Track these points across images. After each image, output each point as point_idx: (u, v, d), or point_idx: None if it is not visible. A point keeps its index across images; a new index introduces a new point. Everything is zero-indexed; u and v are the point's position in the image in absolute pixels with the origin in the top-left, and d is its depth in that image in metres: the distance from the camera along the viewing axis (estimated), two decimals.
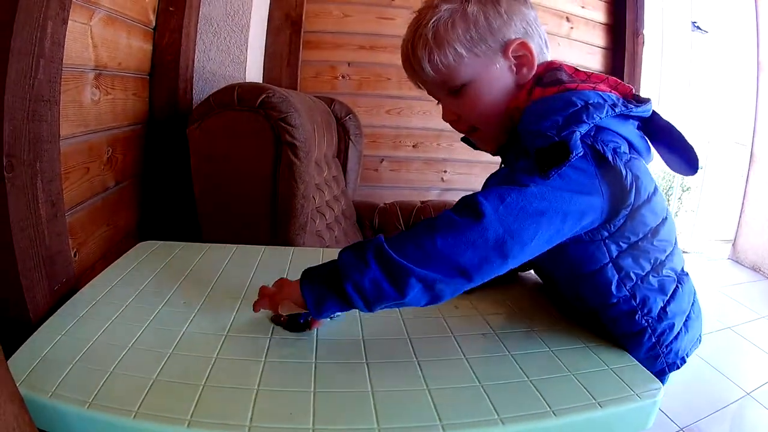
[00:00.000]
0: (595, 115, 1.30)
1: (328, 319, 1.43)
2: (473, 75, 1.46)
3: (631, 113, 1.40)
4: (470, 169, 4.98)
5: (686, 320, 1.53)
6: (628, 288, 1.42)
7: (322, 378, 1.17)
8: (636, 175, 1.33)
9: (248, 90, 2.23)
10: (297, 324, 1.40)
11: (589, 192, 1.30)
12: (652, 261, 1.44)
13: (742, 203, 6.56)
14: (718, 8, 6.53)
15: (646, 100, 1.43)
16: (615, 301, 1.42)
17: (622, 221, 1.36)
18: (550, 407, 1.12)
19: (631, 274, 1.42)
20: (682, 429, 3.10)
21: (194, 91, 2.81)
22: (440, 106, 1.60)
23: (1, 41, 1.25)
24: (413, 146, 4.82)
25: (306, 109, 2.63)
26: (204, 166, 2.28)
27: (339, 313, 1.38)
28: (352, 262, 1.21)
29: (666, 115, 1.45)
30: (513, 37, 1.45)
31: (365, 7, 4.52)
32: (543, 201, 1.23)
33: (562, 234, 1.30)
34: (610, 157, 1.30)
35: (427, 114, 4.75)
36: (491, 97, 1.48)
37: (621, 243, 1.40)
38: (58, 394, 1.05)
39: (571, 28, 5.04)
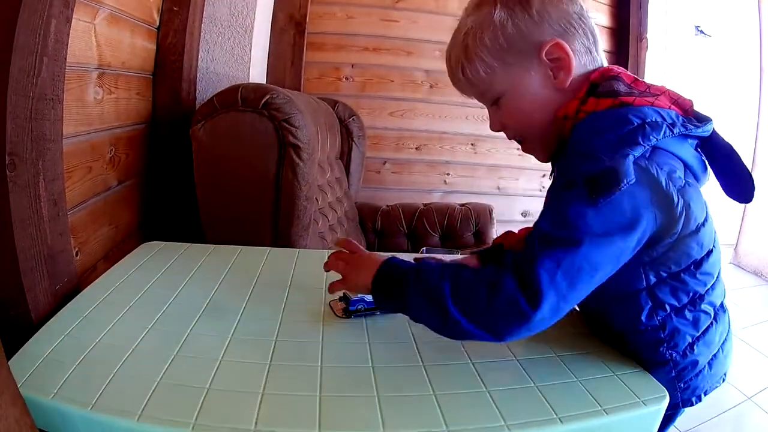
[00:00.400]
0: (651, 137, 1.21)
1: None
2: (508, 85, 1.40)
3: (691, 133, 1.30)
4: (473, 172, 5.00)
5: (712, 358, 1.42)
6: (659, 318, 1.33)
7: (328, 382, 1.16)
8: (688, 203, 1.25)
9: (252, 90, 2.23)
10: (348, 312, 1.51)
11: (640, 221, 1.19)
12: (690, 294, 1.35)
13: (744, 208, 6.55)
14: (721, 12, 6.53)
15: (708, 119, 1.34)
16: (642, 329, 1.34)
17: (663, 249, 1.28)
18: (556, 413, 1.11)
19: (666, 305, 1.33)
20: None
21: (198, 92, 2.81)
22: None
23: (5, 39, 1.24)
24: (416, 148, 4.83)
25: (309, 110, 2.62)
26: (207, 167, 2.28)
27: None
28: (416, 300, 1.24)
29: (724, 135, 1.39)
30: (547, 38, 1.35)
31: (369, 9, 4.54)
32: (598, 253, 1.17)
33: (622, 255, 1.22)
34: (664, 183, 1.21)
35: (430, 116, 4.79)
36: (530, 106, 1.42)
37: (661, 272, 1.31)
38: (61, 396, 1.04)
39: None
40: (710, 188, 1.37)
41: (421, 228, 3.93)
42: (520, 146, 1.57)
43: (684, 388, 1.40)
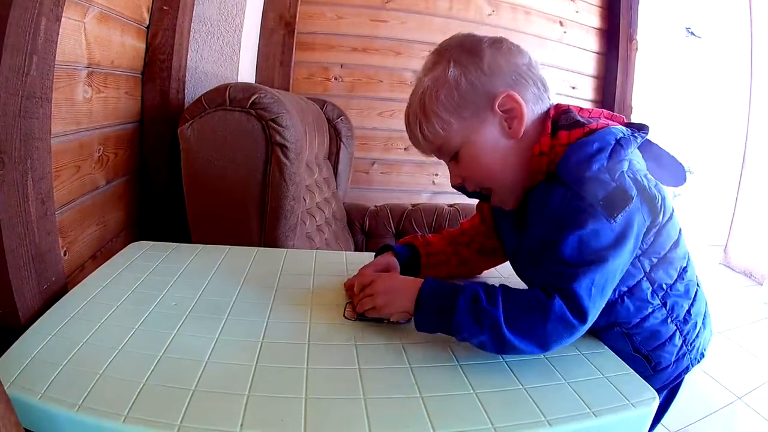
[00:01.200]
0: (628, 151, 1.36)
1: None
2: (464, 138, 1.46)
3: (641, 140, 1.44)
4: None
5: (704, 318, 1.63)
6: (660, 296, 1.50)
7: (314, 384, 1.16)
8: (663, 195, 1.40)
9: (240, 90, 2.23)
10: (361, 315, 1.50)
11: (638, 223, 1.34)
12: (677, 269, 1.52)
13: (734, 208, 6.59)
14: (712, 14, 6.56)
15: (646, 126, 1.48)
16: (651, 310, 1.49)
17: (651, 239, 1.44)
18: (544, 416, 1.12)
19: (663, 284, 1.50)
20: None
21: (186, 91, 2.81)
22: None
23: None
24: (404, 149, 4.82)
25: (297, 110, 2.62)
26: (195, 166, 2.27)
27: None
28: (468, 325, 1.28)
29: (660, 120, 1.50)
30: (500, 89, 1.42)
31: (358, 9, 4.53)
32: (618, 262, 1.31)
33: (629, 256, 1.37)
34: (646, 185, 1.35)
35: None
36: (489, 157, 1.48)
37: (652, 257, 1.47)
38: (48, 396, 1.04)
39: (564, 32, 5.06)
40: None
41: (409, 228, 3.92)
42: (483, 198, 1.66)
43: (691, 350, 1.59)
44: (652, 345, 1.53)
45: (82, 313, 1.39)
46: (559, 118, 1.47)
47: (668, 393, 1.70)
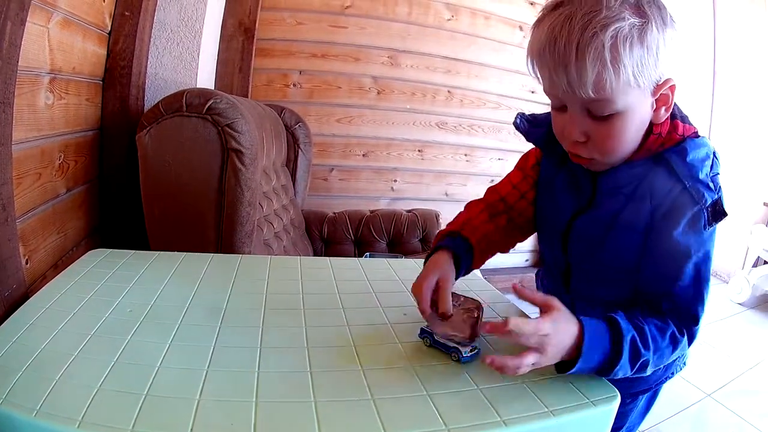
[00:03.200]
0: (719, 165, 1.39)
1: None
2: (628, 106, 1.30)
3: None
4: (420, 179, 5.03)
5: None
6: None
7: (265, 388, 1.17)
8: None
9: (196, 95, 2.24)
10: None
11: None
12: None
13: None
14: (675, 9, 6.60)
15: None
16: None
17: None
18: (500, 416, 1.12)
19: None
20: None
21: (146, 98, 2.79)
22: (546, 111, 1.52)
23: None
24: (363, 155, 4.84)
25: (254, 116, 2.63)
26: (152, 172, 2.28)
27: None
28: (625, 369, 1.27)
29: None
30: (666, 76, 1.31)
31: (318, 15, 4.53)
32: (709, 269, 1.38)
33: None
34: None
35: (377, 123, 4.81)
36: (631, 132, 1.36)
37: None
38: (8, 402, 1.05)
39: (524, 37, 5.09)
40: None
41: (367, 235, 3.94)
42: (574, 155, 1.45)
43: (681, 357, 1.68)
44: None
45: (41, 320, 1.39)
46: (674, 107, 1.40)
47: (648, 399, 1.75)
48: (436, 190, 5.17)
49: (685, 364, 1.74)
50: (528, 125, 1.63)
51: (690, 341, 1.35)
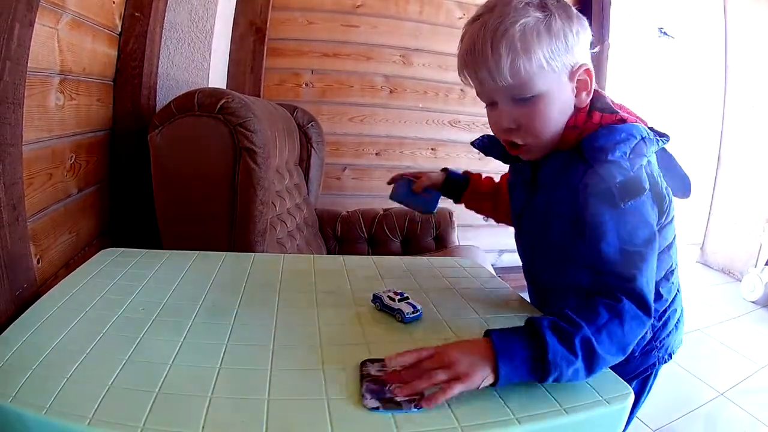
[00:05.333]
0: (650, 149, 1.45)
1: None
2: (546, 88, 1.46)
3: (662, 145, 1.53)
4: None
5: (677, 321, 1.75)
6: None
7: (277, 385, 1.17)
8: (670, 198, 1.54)
9: (208, 95, 2.24)
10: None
11: (655, 214, 1.47)
12: (665, 270, 1.65)
13: (710, 207, 6.64)
14: (685, 14, 6.58)
15: (668, 135, 1.56)
16: None
17: None
18: (513, 414, 1.11)
19: None
20: (655, 431, 3.13)
21: (158, 98, 2.80)
22: (486, 111, 1.62)
23: None
24: (376, 154, 4.84)
25: (267, 115, 2.63)
26: (164, 172, 2.29)
27: None
28: (563, 354, 1.19)
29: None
30: (581, 62, 1.49)
31: (330, 15, 4.54)
32: (654, 254, 1.40)
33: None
34: (659, 184, 1.48)
35: (390, 121, 4.81)
36: (555, 113, 1.50)
37: None
38: (18, 400, 1.05)
39: None
40: None
41: (381, 233, 3.94)
42: (511, 146, 1.62)
43: (660, 347, 1.69)
44: None
45: (53, 318, 1.39)
46: (596, 99, 1.54)
47: (639, 385, 1.74)
48: None
49: (670, 355, 1.74)
50: (488, 142, 1.87)
51: (639, 304, 1.31)
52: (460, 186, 2.12)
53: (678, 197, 1.63)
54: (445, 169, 2.15)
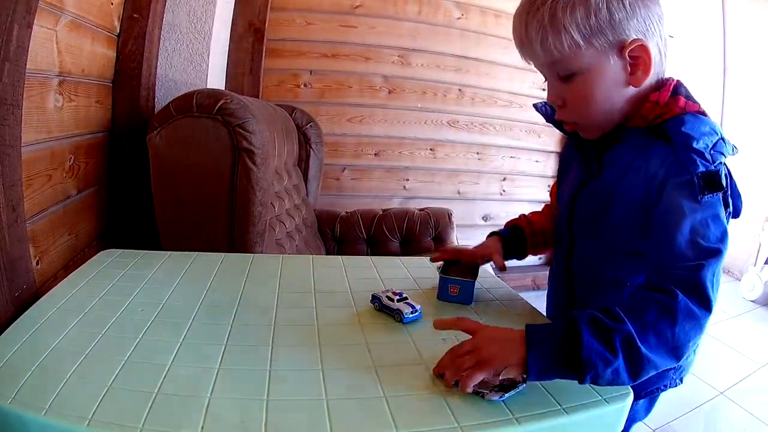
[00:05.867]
0: (727, 149, 1.40)
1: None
2: (587, 66, 1.42)
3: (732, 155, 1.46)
4: (432, 177, 5.03)
5: (696, 346, 1.50)
6: None
7: (276, 386, 1.17)
8: (732, 210, 1.43)
9: (207, 96, 2.24)
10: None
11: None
12: None
13: None
14: (683, 14, 6.59)
15: (737, 148, 1.48)
16: None
17: None
18: (512, 414, 1.12)
19: None
20: (654, 430, 3.13)
21: (156, 99, 2.80)
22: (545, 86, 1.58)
23: None
24: (375, 154, 4.85)
25: (265, 116, 2.63)
26: (163, 173, 2.29)
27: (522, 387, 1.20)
28: (599, 351, 1.14)
29: None
30: (633, 37, 1.40)
31: (328, 15, 4.54)
32: (723, 258, 1.30)
33: None
34: (737, 193, 1.42)
35: (389, 122, 4.82)
36: (602, 93, 1.45)
37: None
38: (18, 400, 1.05)
39: None
40: None
41: (380, 234, 3.94)
42: (560, 126, 1.64)
43: (677, 368, 1.62)
44: None
45: (52, 319, 1.39)
46: (680, 86, 1.49)
47: (646, 402, 1.72)
48: (448, 188, 5.17)
49: (681, 379, 1.69)
50: (550, 109, 1.67)
51: (699, 299, 1.22)
52: (519, 241, 1.93)
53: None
54: (493, 234, 1.97)
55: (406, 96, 4.84)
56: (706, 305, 1.22)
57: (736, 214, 1.47)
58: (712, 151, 1.35)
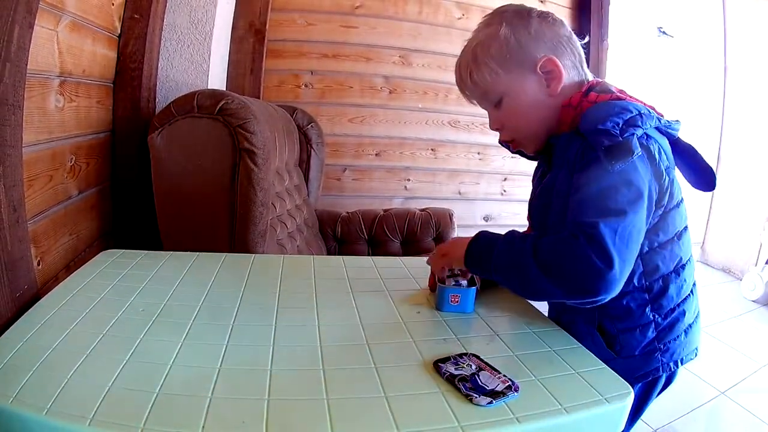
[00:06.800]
0: (646, 122, 1.49)
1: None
2: (508, 89, 1.67)
3: (668, 128, 1.59)
4: (433, 178, 5.02)
5: (687, 327, 1.70)
6: (648, 281, 1.60)
7: (277, 385, 1.17)
8: (672, 180, 1.56)
9: (208, 97, 2.24)
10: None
11: (650, 189, 1.45)
12: (675, 261, 1.63)
13: (710, 206, 6.67)
14: (684, 13, 6.59)
15: (678, 121, 1.64)
16: (631, 289, 1.58)
17: (655, 220, 1.55)
18: (513, 413, 1.11)
19: (657, 270, 1.60)
20: (656, 430, 3.13)
21: (157, 100, 2.80)
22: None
23: None
24: (376, 155, 4.83)
25: (266, 116, 2.63)
26: (164, 174, 2.29)
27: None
28: (503, 264, 1.47)
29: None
30: (541, 55, 1.63)
31: (329, 16, 4.53)
32: (637, 219, 1.38)
33: (645, 220, 1.44)
34: (657, 159, 1.49)
35: (389, 122, 4.80)
36: (526, 107, 1.69)
37: (653, 240, 1.58)
38: (19, 400, 1.05)
39: None
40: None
41: (381, 234, 3.94)
42: (510, 148, 1.87)
43: (663, 350, 1.64)
44: (623, 326, 1.61)
45: (53, 319, 1.39)
46: (596, 84, 1.66)
47: (642, 389, 1.71)
48: (449, 189, 5.15)
49: (676, 364, 1.69)
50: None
51: (595, 249, 1.30)
52: None
53: (702, 190, 1.68)
54: None
55: (406, 96, 4.83)
56: (605, 259, 1.29)
57: (710, 187, 1.67)
58: (623, 126, 1.45)
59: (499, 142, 1.88)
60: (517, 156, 1.91)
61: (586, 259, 1.29)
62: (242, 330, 1.43)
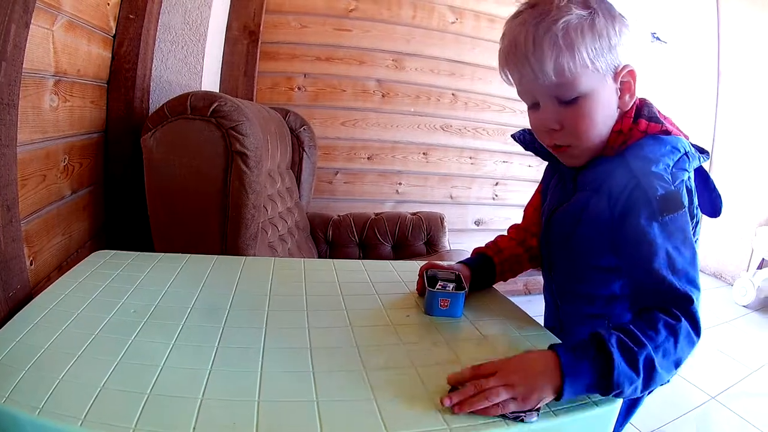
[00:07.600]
0: (692, 165, 1.46)
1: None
2: (591, 88, 1.44)
3: (701, 163, 1.52)
4: (425, 181, 5.03)
5: None
6: None
7: (268, 388, 1.17)
8: (698, 219, 1.55)
9: (201, 98, 2.25)
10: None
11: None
12: None
13: None
14: (678, 19, 6.60)
15: (707, 152, 1.54)
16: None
17: None
18: (502, 416, 1.13)
19: None
20: None
21: (151, 101, 2.80)
22: (527, 112, 1.61)
23: None
24: (368, 158, 4.84)
25: (259, 118, 2.64)
26: (156, 175, 2.29)
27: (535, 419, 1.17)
28: (627, 374, 1.18)
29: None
30: (624, 62, 1.47)
31: (323, 18, 4.53)
32: (695, 256, 1.39)
33: None
34: (689, 199, 1.46)
35: (382, 126, 4.81)
36: (600, 115, 1.48)
37: None
38: (12, 400, 1.05)
39: None
40: None
41: (372, 237, 3.94)
42: (554, 148, 1.60)
43: None
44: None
45: (45, 320, 1.40)
46: (642, 107, 1.53)
47: (629, 402, 1.72)
48: (440, 192, 5.16)
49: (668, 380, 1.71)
50: (528, 137, 1.76)
51: (693, 325, 1.29)
52: (487, 271, 1.94)
53: (707, 215, 1.63)
54: (462, 263, 1.93)
55: (399, 100, 4.84)
56: (698, 331, 1.29)
57: (715, 213, 1.61)
58: (673, 170, 1.41)
59: (523, 139, 1.78)
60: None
61: (689, 341, 1.28)
62: (233, 332, 1.43)
